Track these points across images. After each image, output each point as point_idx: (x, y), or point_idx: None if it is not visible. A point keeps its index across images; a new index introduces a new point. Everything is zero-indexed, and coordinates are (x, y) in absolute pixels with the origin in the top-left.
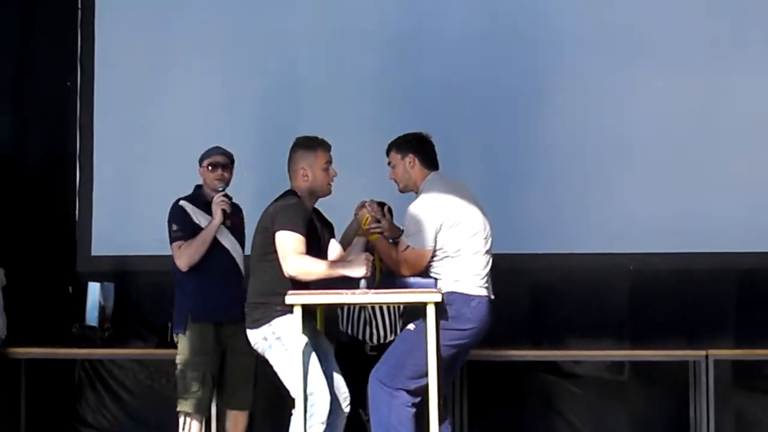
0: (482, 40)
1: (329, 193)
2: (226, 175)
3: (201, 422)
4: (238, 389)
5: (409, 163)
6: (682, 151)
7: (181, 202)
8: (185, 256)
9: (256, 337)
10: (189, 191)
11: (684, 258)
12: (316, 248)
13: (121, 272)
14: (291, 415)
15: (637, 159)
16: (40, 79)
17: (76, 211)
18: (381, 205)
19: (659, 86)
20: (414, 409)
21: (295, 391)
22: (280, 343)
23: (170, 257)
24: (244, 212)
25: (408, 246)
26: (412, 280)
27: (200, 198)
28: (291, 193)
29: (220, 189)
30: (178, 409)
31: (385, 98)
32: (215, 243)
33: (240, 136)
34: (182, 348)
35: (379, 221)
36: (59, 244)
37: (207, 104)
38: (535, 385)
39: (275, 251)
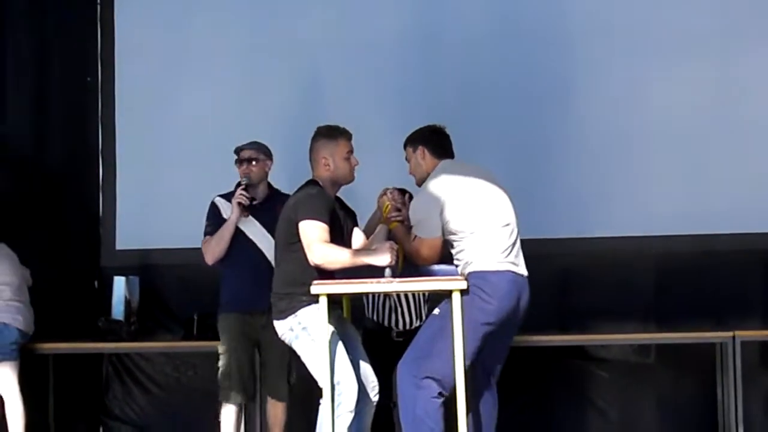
0: (501, 38)
1: (352, 180)
2: (251, 168)
3: (238, 411)
4: (272, 380)
5: (420, 155)
6: (701, 134)
7: (216, 199)
8: (209, 251)
9: (282, 327)
10: (211, 185)
11: (708, 240)
12: (339, 237)
13: (146, 266)
14: (319, 404)
15: (657, 144)
16: (61, 76)
17: (100, 206)
18: (402, 192)
19: (676, 74)
20: (441, 399)
21: (323, 380)
22: (306, 333)
23: (194, 250)
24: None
25: (416, 236)
26: (436, 267)
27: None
28: (312, 182)
29: (243, 182)
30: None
31: (403, 96)
32: (243, 236)
33: (260, 131)
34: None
35: (399, 210)
36: (84, 239)
37: (227, 99)
38: (562, 370)
39: (299, 241)
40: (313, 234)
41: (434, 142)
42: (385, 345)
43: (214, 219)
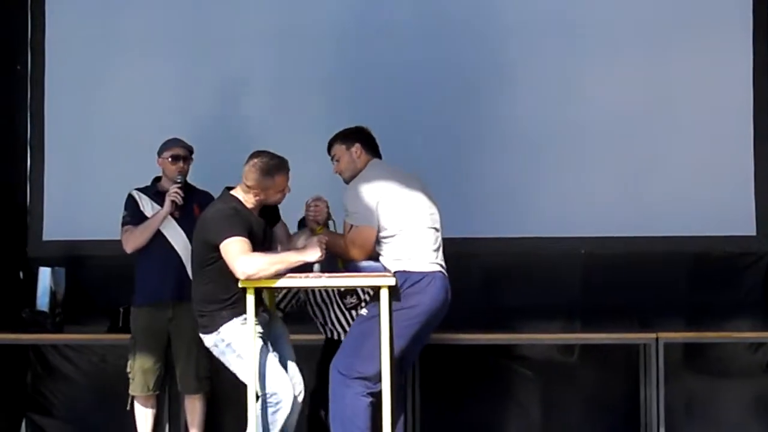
0: (433, 30)
1: (279, 203)
2: (185, 166)
3: (149, 404)
4: (181, 373)
5: (356, 152)
6: (634, 135)
7: (133, 192)
8: (129, 241)
9: (208, 342)
10: (139, 177)
11: (635, 242)
12: (259, 248)
13: (73, 257)
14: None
15: (589, 143)
16: None
17: (28, 196)
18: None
19: (612, 72)
20: (370, 399)
21: (259, 388)
22: (231, 349)
23: (120, 242)
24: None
25: (352, 226)
26: (364, 264)
27: (152, 189)
28: (229, 197)
29: (179, 180)
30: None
31: (333, 90)
32: (158, 232)
33: (189, 126)
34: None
35: (326, 223)
36: (10, 229)
37: (158, 92)
38: (487, 369)
39: (214, 261)
40: (235, 249)
41: (369, 141)
42: None
43: (132, 210)
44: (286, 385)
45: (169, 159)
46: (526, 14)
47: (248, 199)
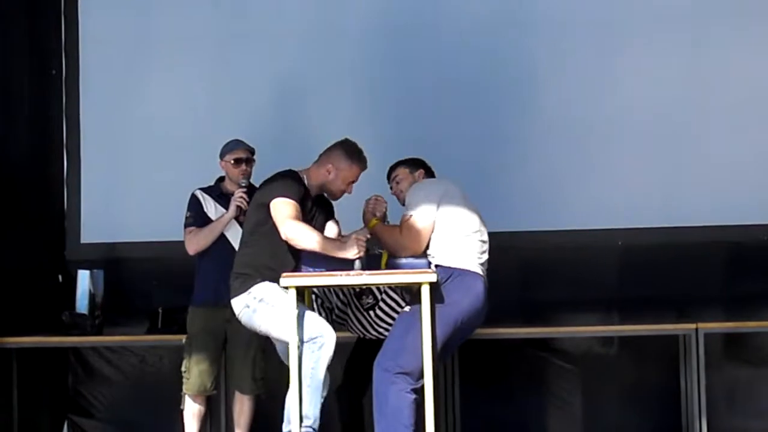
0: (463, 29)
1: (335, 199)
2: (248, 169)
3: (201, 403)
4: (237, 373)
5: (418, 176)
6: (670, 126)
7: (196, 192)
8: (193, 242)
9: (238, 306)
10: (176, 178)
11: (672, 232)
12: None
13: (111, 259)
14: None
15: (625, 135)
16: (24, 69)
17: (65, 200)
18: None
19: (649, 64)
20: (414, 395)
21: (292, 339)
22: (264, 303)
23: (159, 243)
24: None
25: (411, 216)
26: (404, 261)
27: (216, 190)
28: (289, 171)
29: (243, 184)
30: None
31: (376, 90)
32: (221, 234)
33: (225, 125)
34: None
35: (383, 218)
36: (49, 232)
37: (194, 92)
38: (526, 362)
39: (264, 225)
40: (285, 211)
41: (430, 171)
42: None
43: (196, 211)
44: (327, 327)
45: (232, 162)
46: (564, 7)
47: (316, 176)
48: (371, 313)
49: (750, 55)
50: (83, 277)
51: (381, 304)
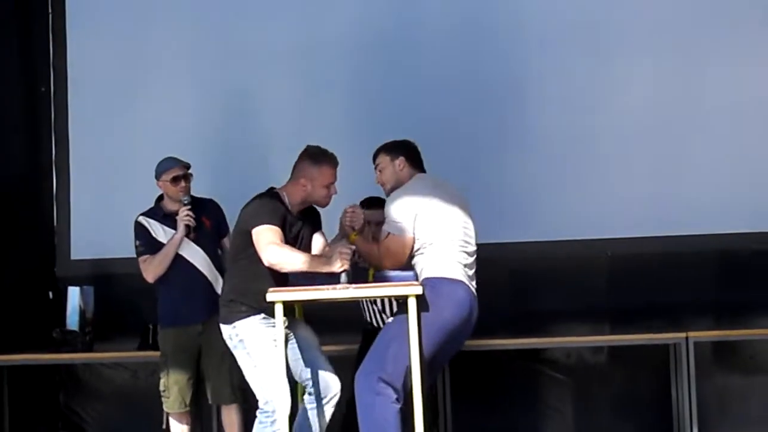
0: (458, 36)
1: (324, 206)
2: (187, 185)
3: (185, 420)
4: (214, 385)
5: (399, 165)
6: (661, 135)
7: (140, 218)
8: (150, 270)
9: (225, 332)
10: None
11: (661, 241)
12: (292, 245)
13: (101, 275)
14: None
15: (616, 145)
16: (13, 86)
17: (54, 216)
18: (374, 201)
19: (640, 73)
20: (399, 405)
21: (258, 392)
22: (243, 345)
23: None
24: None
25: (389, 233)
26: (392, 273)
27: (158, 211)
28: (269, 191)
29: (186, 201)
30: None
31: (363, 98)
32: (176, 255)
33: (215, 141)
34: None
35: (361, 230)
36: (38, 249)
37: (181, 110)
38: (517, 373)
39: (246, 250)
40: (266, 237)
41: (413, 155)
42: None
43: (145, 239)
44: (282, 397)
45: (170, 180)
46: (553, 17)
47: (294, 193)
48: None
49: (743, 64)
50: (73, 294)
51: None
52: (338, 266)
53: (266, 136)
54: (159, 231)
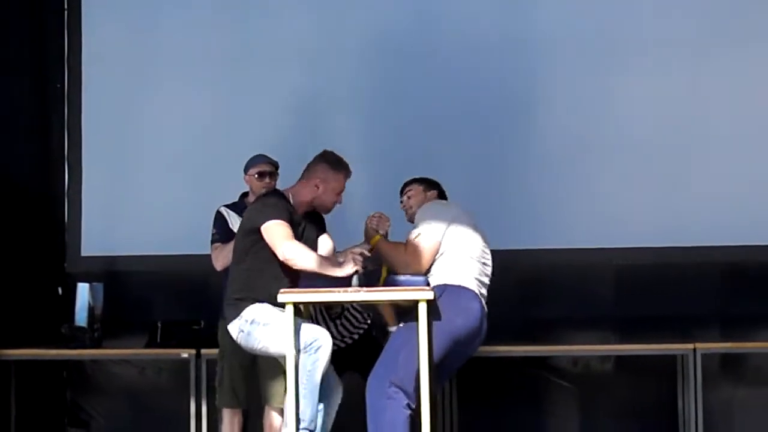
0: (463, 48)
1: (327, 212)
2: (272, 182)
3: (236, 418)
4: (265, 386)
5: (430, 196)
6: (666, 147)
7: (221, 209)
8: (219, 258)
9: (234, 332)
10: (177, 191)
11: (669, 252)
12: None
13: (111, 272)
14: None
15: (621, 155)
16: (27, 82)
17: (65, 212)
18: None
19: (643, 85)
20: (409, 411)
21: (289, 350)
22: (256, 324)
23: (159, 257)
24: None
25: (419, 234)
26: (403, 278)
27: (240, 205)
28: (273, 191)
29: None
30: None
31: (376, 108)
32: None
33: (226, 140)
34: None
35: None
36: (48, 245)
37: (194, 107)
38: (523, 380)
39: (254, 247)
40: (280, 232)
41: (442, 193)
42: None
43: (221, 227)
44: (323, 332)
45: (256, 176)
46: (563, 30)
47: (303, 193)
48: (337, 322)
49: (749, 76)
50: (83, 290)
51: (346, 313)
52: (351, 268)
53: (280, 134)
54: (236, 222)
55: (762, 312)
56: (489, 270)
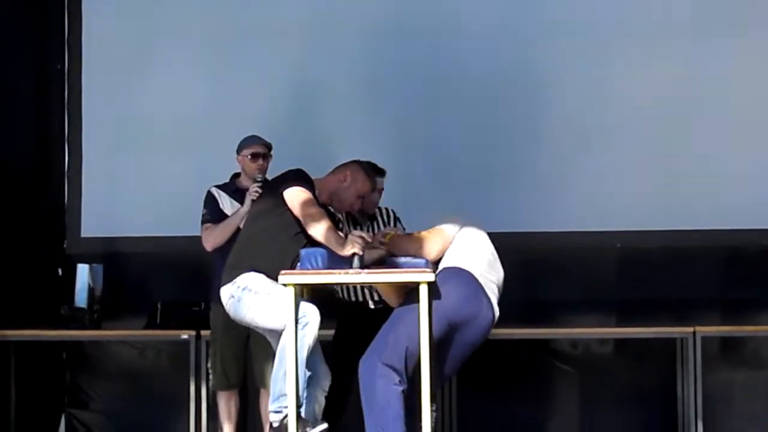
0: (465, 33)
1: (341, 211)
2: (265, 164)
3: (232, 400)
4: (258, 368)
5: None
6: (670, 130)
7: (212, 189)
8: (210, 238)
9: (225, 297)
10: (176, 173)
11: (670, 235)
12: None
13: (111, 253)
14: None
15: (625, 139)
16: (27, 64)
17: (65, 193)
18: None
19: (643, 68)
20: (402, 387)
21: (277, 321)
22: (247, 291)
23: (159, 238)
24: None
25: (435, 227)
26: (403, 260)
27: (231, 185)
28: (302, 170)
29: (259, 179)
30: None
31: (378, 89)
32: (237, 231)
33: (226, 122)
34: None
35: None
36: (48, 226)
37: (195, 88)
38: (524, 363)
39: (269, 215)
40: (303, 195)
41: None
42: (364, 315)
43: (212, 208)
44: (311, 307)
45: (249, 156)
46: (566, 12)
47: (328, 184)
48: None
49: (749, 61)
50: (83, 271)
51: None
52: (349, 251)
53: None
54: (227, 203)
55: (762, 296)
56: (498, 274)
